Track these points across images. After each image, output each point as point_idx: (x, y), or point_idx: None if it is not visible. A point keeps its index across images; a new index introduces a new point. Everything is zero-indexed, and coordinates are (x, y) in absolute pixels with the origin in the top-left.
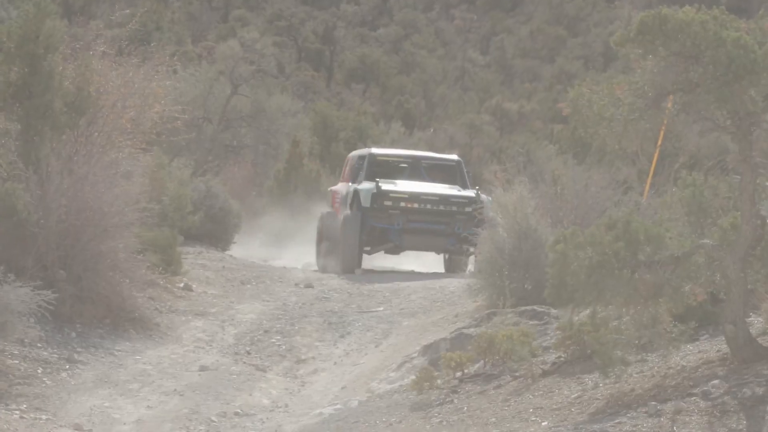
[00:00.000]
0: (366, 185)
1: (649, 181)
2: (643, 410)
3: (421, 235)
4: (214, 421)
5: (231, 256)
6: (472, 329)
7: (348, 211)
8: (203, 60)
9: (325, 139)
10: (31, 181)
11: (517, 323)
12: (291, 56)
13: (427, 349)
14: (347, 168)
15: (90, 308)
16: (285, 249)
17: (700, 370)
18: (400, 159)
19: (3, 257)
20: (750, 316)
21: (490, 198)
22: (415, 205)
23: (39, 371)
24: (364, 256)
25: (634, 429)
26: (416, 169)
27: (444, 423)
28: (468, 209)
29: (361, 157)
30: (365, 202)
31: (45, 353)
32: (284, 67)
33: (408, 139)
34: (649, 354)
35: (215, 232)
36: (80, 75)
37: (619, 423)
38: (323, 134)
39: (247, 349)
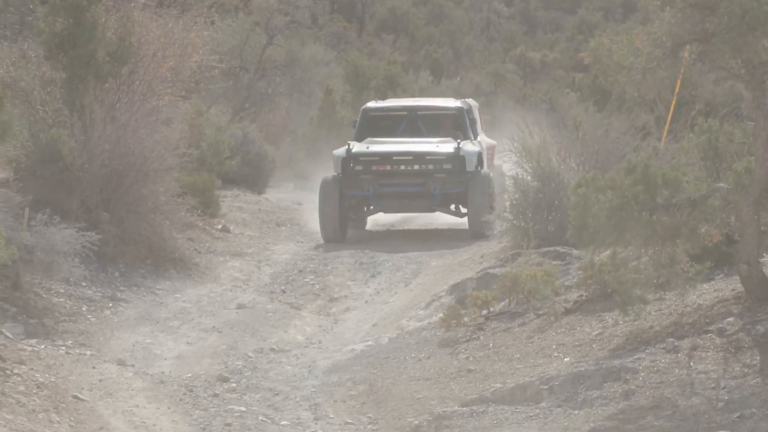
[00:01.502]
0: (341, 149)
1: (666, 127)
2: (661, 346)
3: (397, 199)
4: (251, 357)
5: (266, 199)
6: (497, 269)
7: (327, 175)
8: (240, 11)
9: (357, 88)
10: (76, 127)
11: (540, 263)
12: (324, 7)
13: (454, 288)
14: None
15: (132, 249)
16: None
17: (715, 308)
18: (395, 112)
19: (49, 200)
20: (763, 257)
21: (476, 149)
22: (387, 167)
23: (84, 309)
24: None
25: (652, 364)
26: (413, 122)
27: (470, 359)
28: (447, 166)
29: (361, 111)
30: (336, 168)
31: (89, 292)
32: (317, 18)
33: (436, 87)
34: (666, 293)
35: (251, 176)
36: (122, 26)
37: (638, 358)
38: (355, 83)
39: (282, 288)
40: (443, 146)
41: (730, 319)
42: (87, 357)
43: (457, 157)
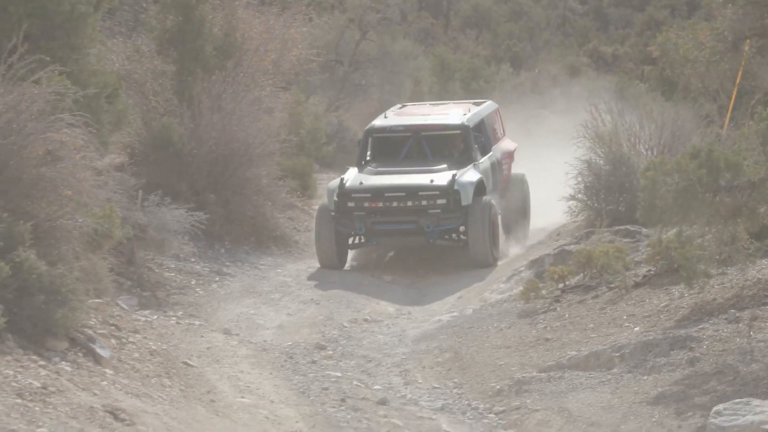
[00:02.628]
0: (335, 181)
1: (728, 115)
2: (724, 317)
3: (392, 237)
4: (346, 327)
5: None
6: (572, 246)
7: (324, 204)
8: (335, 9)
9: (443, 79)
10: (185, 116)
11: (612, 241)
12: (412, 5)
13: (533, 263)
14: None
15: (237, 228)
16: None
17: None
18: (399, 133)
19: (161, 183)
20: None
21: (475, 178)
22: (380, 204)
23: (192, 282)
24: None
25: (715, 334)
26: (418, 143)
27: (548, 328)
28: (441, 201)
29: (365, 132)
30: (330, 204)
31: (198, 267)
32: (407, 15)
33: (515, 78)
34: (728, 268)
35: (346, 160)
36: (227, 23)
37: (702, 328)
38: (441, 74)
39: (374, 263)
40: (438, 178)
41: None
42: (195, 327)
43: (452, 192)
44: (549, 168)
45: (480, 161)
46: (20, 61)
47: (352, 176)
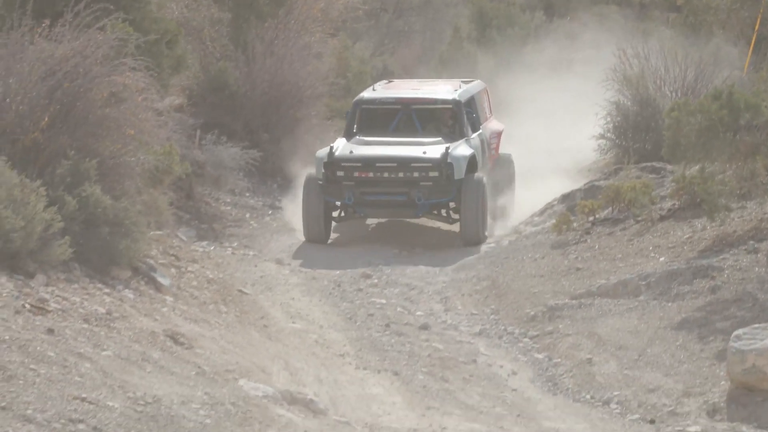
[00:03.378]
0: (324, 150)
1: (748, 59)
2: (743, 248)
3: (381, 208)
4: (390, 257)
5: None
6: (602, 181)
7: (311, 174)
8: None
9: (481, 26)
10: (240, 60)
11: (639, 176)
12: None
13: (564, 198)
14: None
15: (289, 164)
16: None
17: None
18: (389, 105)
19: (217, 123)
20: None
21: (468, 152)
22: (370, 174)
23: (247, 216)
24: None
25: (735, 263)
26: (407, 117)
27: (578, 258)
28: (433, 174)
29: (354, 103)
30: (318, 172)
31: (252, 201)
32: None
33: (549, 24)
34: (747, 202)
35: None
36: None
37: (723, 258)
38: (479, 22)
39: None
40: (431, 151)
41: None
42: (250, 257)
43: (445, 164)
44: (577, 106)
45: (471, 137)
46: (86, 9)
47: (341, 145)
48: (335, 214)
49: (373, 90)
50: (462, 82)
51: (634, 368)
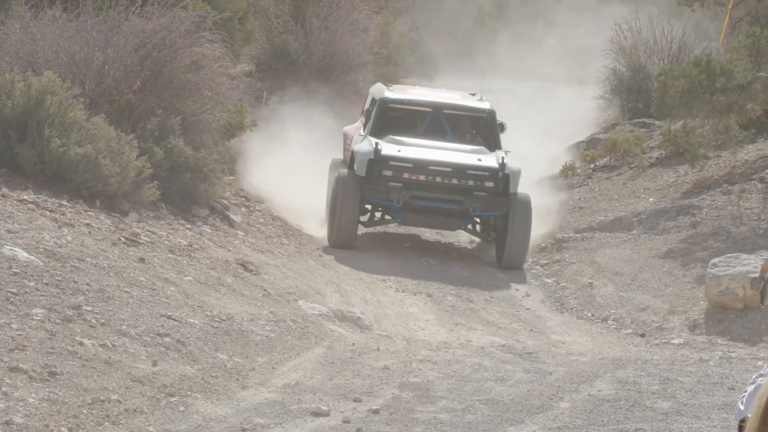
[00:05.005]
0: (365, 146)
1: (723, 33)
2: (719, 190)
3: (427, 215)
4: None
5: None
6: (601, 135)
7: (345, 171)
8: None
9: (499, 4)
10: (299, 34)
11: (632, 131)
12: None
13: (569, 148)
14: (365, 104)
15: (342, 122)
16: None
17: (758, 162)
18: (418, 107)
19: (281, 86)
20: None
21: (519, 167)
22: (422, 177)
23: None
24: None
25: (712, 203)
26: (437, 121)
27: (582, 199)
28: (489, 184)
29: (374, 101)
30: (360, 169)
31: None
32: None
33: (557, 4)
34: (722, 152)
35: (423, 71)
36: None
37: (702, 198)
38: (498, 1)
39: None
40: (486, 159)
41: None
42: None
43: (502, 175)
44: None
45: (503, 151)
46: None
47: (383, 143)
48: (363, 218)
49: (390, 91)
50: (470, 94)
51: (627, 291)
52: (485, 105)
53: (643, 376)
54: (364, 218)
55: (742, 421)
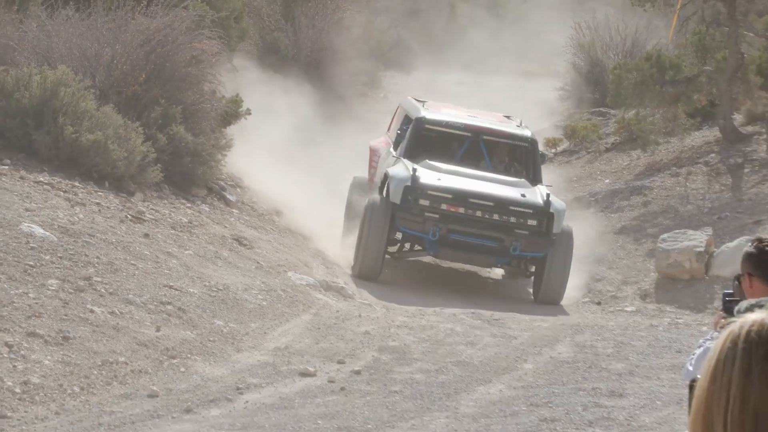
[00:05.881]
0: (400, 170)
1: (672, 30)
2: (668, 172)
3: (463, 251)
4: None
5: (412, 77)
6: (562, 122)
7: (377, 197)
8: None
9: (471, 4)
10: (289, 31)
11: (589, 119)
12: None
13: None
14: (394, 119)
15: (328, 111)
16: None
17: (703, 147)
18: (456, 131)
19: (271, 79)
20: (734, 114)
21: (564, 206)
22: (461, 210)
23: None
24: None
25: (661, 184)
26: (475, 146)
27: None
28: (532, 222)
29: (409, 119)
30: (395, 196)
31: None
32: None
33: (523, 4)
34: (671, 138)
35: (403, 62)
36: None
37: (653, 180)
38: (470, 1)
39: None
40: (530, 194)
41: (713, 154)
42: None
43: (546, 214)
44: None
45: (545, 185)
46: None
47: (421, 169)
48: (392, 249)
49: (426, 109)
50: (504, 117)
51: (585, 263)
52: (527, 132)
53: (599, 340)
54: (392, 248)
55: (693, 381)
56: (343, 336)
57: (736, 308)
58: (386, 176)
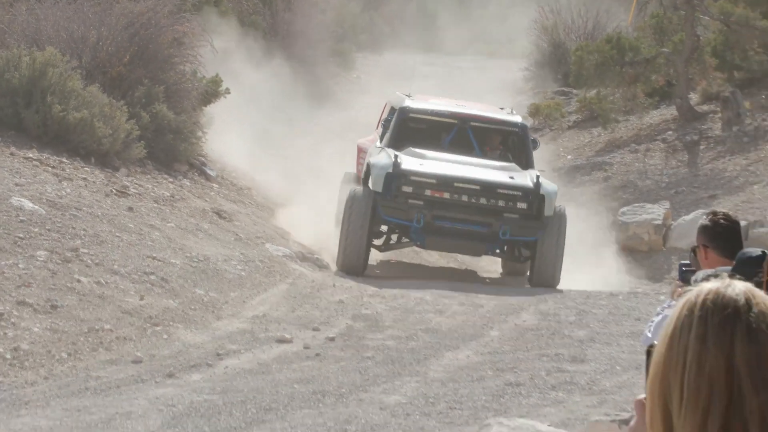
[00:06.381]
0: (382, 158)
1: (631, 14)
2: (627, 149)
3: (451, 238)
4: None
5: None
6: (526, 101)
7: (358, 188)
8: None
9: None
10: (266, 15)
11: (553, 98)
12: None
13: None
14: (382, 116)
15: (301, 87)
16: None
17: (660, 125)
18: (442, 118)
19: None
20: (690, 94)
21: (555, 188)
22: (446, 195)
23: None
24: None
25: (621, 160)
26: (462, 134)
27: None
28: (522, 205)
29: (393, 110)
30: (376, 184)
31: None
32: None
33: None
34: (630, 116)
35: (373, 43)
36: None
37: (613, 156)
38: None
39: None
40: (518, 177)
41: (670, 132)
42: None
43: (537, 196)
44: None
45: (537, 170)
46: None
47: (403, 156)
48: (378, 241)
49: (410, 98)
50: (500, 108)
51: None
52: (516, 118)
53: (562, 308)
54: (378, 241)
55: (651, 346)
56: (318, 305)
57: (693, 278)
58: (368, 166)
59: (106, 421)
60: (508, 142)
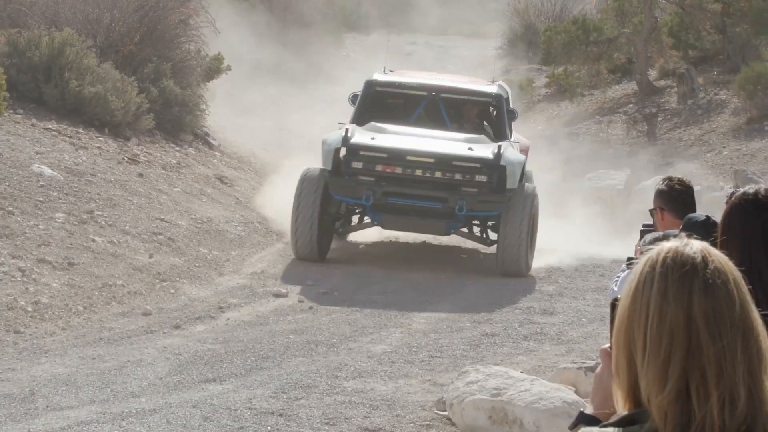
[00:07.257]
0: (334, 134)
1: None
2: (592, 120)
3: (406, 216)
4: None
5: (369, 39)
6: (500, 77)
7: (312, 168)
8: None
9: None
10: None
11: (525, 74)
12: None
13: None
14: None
15: (296, 64)
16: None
17: (622, 99)
18: (410, 90)
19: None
20: (648, 71)
21: (520, 158)
22: (397, 170)
23: None
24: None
25: (587, 130)
26: (433, 107)
27: None
28: (481, 178)
29: (365, 84)
30: (326, 162)
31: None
32: None
33: None
34: (595, 90)
35: (357, 23)
36: None
37: (580, 127)
38: None
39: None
40: (478, 148)
41: (630, 105)
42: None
43: (497, 167)
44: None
45: (513, 141)
46: None
47: (356, 130)
48: (338, 224)
49: (384, 72)
50: (489, 82)
51: None
52: (491, 89)
53: (533, 265)
54: (338, 224)
55: (615, 300)
56: (311, 262)
57: (642, 240)
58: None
59: (119, 368)
60: (483, 114)
